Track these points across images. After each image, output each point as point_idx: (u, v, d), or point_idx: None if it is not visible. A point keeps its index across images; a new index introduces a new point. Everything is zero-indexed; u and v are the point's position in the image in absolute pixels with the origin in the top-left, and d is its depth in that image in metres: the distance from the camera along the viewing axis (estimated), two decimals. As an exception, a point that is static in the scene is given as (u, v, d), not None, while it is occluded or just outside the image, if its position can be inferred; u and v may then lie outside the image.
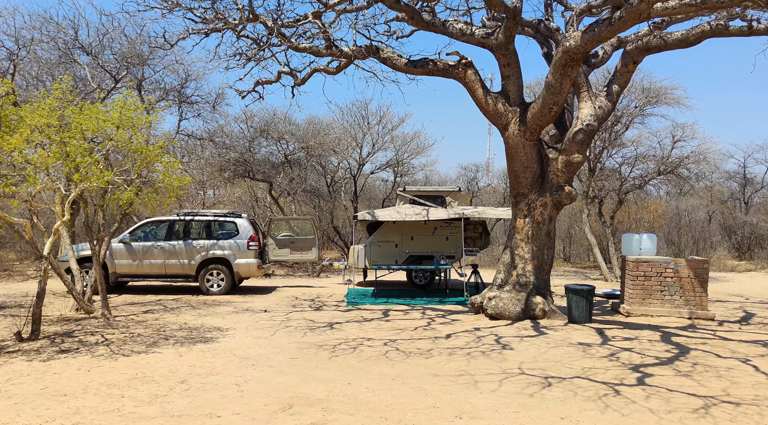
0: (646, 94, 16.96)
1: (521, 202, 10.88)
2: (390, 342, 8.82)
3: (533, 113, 10.12)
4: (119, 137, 7.76)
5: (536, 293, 10.69)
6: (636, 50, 10.43)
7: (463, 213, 13.62)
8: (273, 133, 19.20)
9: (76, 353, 7.82)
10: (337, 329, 9.85)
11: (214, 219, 14.32)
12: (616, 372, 7.09)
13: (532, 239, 10.78)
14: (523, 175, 10.68)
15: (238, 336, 9.12)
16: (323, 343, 8.66)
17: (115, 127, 7.82)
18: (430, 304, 12.83)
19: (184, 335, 9.15)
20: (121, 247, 13.78)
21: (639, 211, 22.90)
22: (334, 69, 11.61)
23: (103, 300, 10.21)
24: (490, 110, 10.56)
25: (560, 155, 10.67)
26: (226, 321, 10.44)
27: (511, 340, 8.94)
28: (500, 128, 10.68)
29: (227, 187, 20.63)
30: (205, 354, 7.90)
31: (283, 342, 8.76)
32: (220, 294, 13.87)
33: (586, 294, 10.21)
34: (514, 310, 10.52)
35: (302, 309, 11.99)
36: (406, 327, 10.10)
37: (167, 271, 13.90)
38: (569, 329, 9.86)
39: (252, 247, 14.02)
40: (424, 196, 15.84)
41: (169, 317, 10.82)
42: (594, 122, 10.45)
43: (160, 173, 8.45)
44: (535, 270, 10.79)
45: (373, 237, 15.64)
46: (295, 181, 19.02)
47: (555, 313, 10.62)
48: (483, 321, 10.69)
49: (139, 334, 9.12)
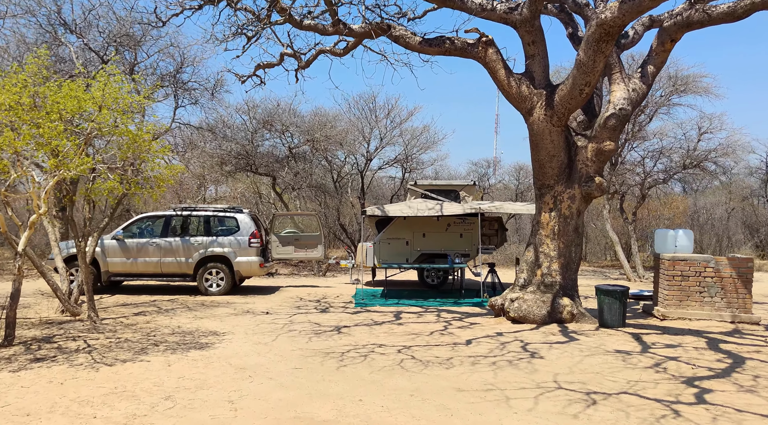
0: (673, 81, 15.95)
1: (546, 194, 9.93)
2: (404, 349, 7.90)
3: (561, 96, 9.17)
4: (101, 119, 6.87)
5: (563, 294, 9.74)
6: (674, 26, 9.46)
7: (479, 208, 12.68)
8: (277, 125, 18.28)
9: (52, 362, 6.94)
10: (345, 333, 8.94)
11: (213, 214, 13.45)
12: (668, 386, 6.14)
13: (558, 235, 9.83)
14: (549, 165, 9.73)
15: (236, 342, 8.23)
16: (330, 350, 7.75)
17: (97, 106, 6.94)
18: (445, 306, 11.90)
19: (176, 340, 8.26)
20: (113, 244, 12.92)
21: (659, 207, 21.87)
22: (341, 50, 10.70)
23: (89, 301, 9.34)
24: (513, 93, 9.61)
25: (590, 143, 9.72)
26: (224, 325, 9.55)
27: (540, 347, 8.00)
28: (524, 113, 9.74)
29: (229, 181, 19.75)
30: (197, 363, 7.00)
31: (285, 348, 7.85)
32: (219, 294, 12.99)
33: (620, 296, 9.26)
34: (539, 313, 9.58)
35: (307, 311, 11.09)
36: (421, 331, 9.18)
37: (163, 270, 13.03)
38: (602, 334, 8.91)
39: (254, 244, 13.13)
40: (436, 191, 14.91)
41: (162, 320, 9.94)
42: (627, 106, 9.49)
43: (149, 161, 7.55)
44: (562, 269, 9.84)
45: (383, 234, 14.73)
46: (300, 176, 18.11)
47: (584, 316, 9.67)
48: (505, 324, 9.76)
49: (126, 340, 8.23)
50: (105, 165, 7.53)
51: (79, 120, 7.07)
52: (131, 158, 7.49)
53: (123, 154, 7.26)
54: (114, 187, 7.04)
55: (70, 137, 6.66)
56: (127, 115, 7.51)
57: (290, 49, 10.76)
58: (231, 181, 20.18)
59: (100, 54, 11.90)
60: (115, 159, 7.74)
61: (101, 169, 7.21)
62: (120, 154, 7.29)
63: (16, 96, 6.35)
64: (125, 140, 7.41)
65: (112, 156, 7.69)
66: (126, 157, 7.35)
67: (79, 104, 6.85)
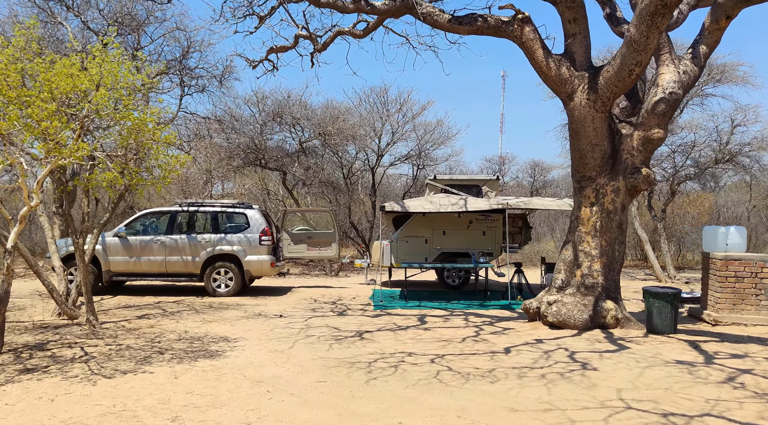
0: (708, 70, 15.05)
1: (587, 187, 9.07)
2: (437, 358, 7.06)
3: (607, 77, 8.30)
4: (98, 99, 6.05)
5: (606, 297, 8.88)
6: (731, 1, 8.58)
7: (507, 204, 11.81)
8: (287, 118, 17.44)
9: (44, 373, 6.13)
10: (368, 340, 8.11)
11: (221, 210, 12.63)
12: (756, 406, 5.28)
13: (600, 232, 8.97)
14: (591, 155, 8.87)
15: (250, 349, 7.41)
16: (355, 359, 6.92)
17: (95, 85, 6.12)
18: (471, 309, 11.05)
19: (183, 347, 7.44)
20: (116, 242, 12.12)
21: (684, 204, 20.94)
22: (360, 32, 9.86)
23: (87, 303, 8.54)
24: (552, 75, 8.75)
25: (636, 130, 8.86)
26: (235, 329, 8.73)
27: (589, 357, 7.15)
28: (563, 98, 8.88)
29: (236, 177, 18.92)
30: (207, 374, 6.18)
31: (304, 357, 7.02)
32: (228, 295, 12.17)
33: (671, 299, 8.39)
34: (581, 318, 8.72)
35: (324, 314, 10.26)
36: (452, 337, 8.34)
37: (168, 269, 12.22)
38: (653, 342, 8.04)
39: (265, 242, 12.31)
40: (457, 186, 14.07)
41: (168, 324, 9.12)
42: (678, 89, 8.63)
43: (153, 149, 6.71)
44: (604, 269, 8.98)
45: (400, 232, 13.88)
46: (311, 171, 17.27)
47: (630, 321, 8.81)
48: (542, 330, 8.91)
49: (128, 347, 7.42)
50: (104, 153, 6.70)
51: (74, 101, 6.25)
52: (133, 146, 6.67)
53: (123, 141, 6.43)
54: (114, 179, 6.20)
55: (62, 119, 5.84)
56: (129, 98, 6.68)
57: (305, 30, 9.92)
58: (238, 177, 19.36)
59: (99, 34, 11.07)
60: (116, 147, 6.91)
61: (100, 157, 6.39)
62: (120, 141, 6.47)
63: (2, 72, 5.54)
64: (126, 126, 6.59)
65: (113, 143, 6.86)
66: (127, 144, 6.52)
67: (73, 82, 6.03)
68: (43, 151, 5.72)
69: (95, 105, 6.05)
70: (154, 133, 6.60)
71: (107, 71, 6.10)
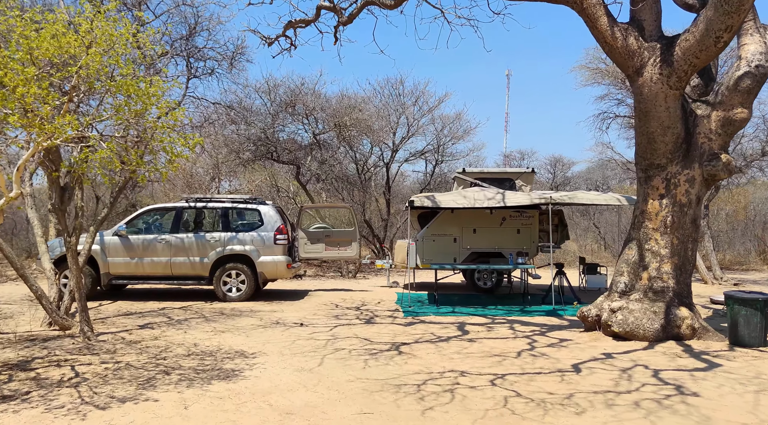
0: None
1: (656, 176, 7.87)
2: (498, 379, 5.88)
3: (686, 47, 7.10)
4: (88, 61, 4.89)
5: (678, 303, 7.69)
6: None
7: (551, 198, 10.60)
8: (300, 108, 16.26)
9: (24, 401, 4.98)
10: (407, 354, 6.94)
11: (232, 206, 11.46)
12: None
13: (671, 228, 7.78)
14: (662, 139, 7.67)
15: (271, 367, 6.24)
16: (399, 381, 5.75)
17: (85, 47, 4.97)
18: (512, 315, 9.86)
19: (193, 365, 6.28)
20: (115, 241, 10.96)
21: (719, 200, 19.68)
22: (391, 1, 8.68)
23: (81, 311, 7.38)
24: (617, 46, 7.56)
25: (714, 110, 7.66)
26: (252, 341, 7.57)
27: (679, 377, 5.96)
28: (630, 73, 7.69)
29: (245, 172, 17.74)
30: (224, 403, 5.01)
31: (338, 378, 5.85)
32: (240, 300, 11.01)
33: (762, 306, 7.19)
34: (651, 327, 7.52)
35: (349, 322, 9.09)
36: (504, 351, 7.16)
37: (174, 272, 11.06)
38: (745, 357, 6.84)
39: (280, 242, 11.14)
40: (488, 179, 12.86)
41: (175, 335, 7.96)
42: (765, 62, 7.42)
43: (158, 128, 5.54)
44: (675, 270, 7.79)
45: (427, 230, 12.70)
46: (326, 164, 16.09)
47: (707, 332, 7.61)
48: (605, 341, 7.72)
49: (127, 365, 6.26)
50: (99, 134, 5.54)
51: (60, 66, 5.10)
52: (134, 124, 5.51)
53: (120, 117, 5.27)
54: (107, 158, 5.02)
55: (43, 85, 4.68)
56: (127, 66, 5.52)
57: (328, 1, 8.76)
58: (247, 173, 18.19)
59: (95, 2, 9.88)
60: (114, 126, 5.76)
61: (92, 136, 5.23)
62: (117, 117, 5.30)
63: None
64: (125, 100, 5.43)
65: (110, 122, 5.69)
66: (126, 123, 5.36)
67: (58, 44, 4.88)
68: (15, 121, 4.55)
69: (86, 69, 4.89)
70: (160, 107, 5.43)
71: (100, 31, 4.95)
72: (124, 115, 5.66)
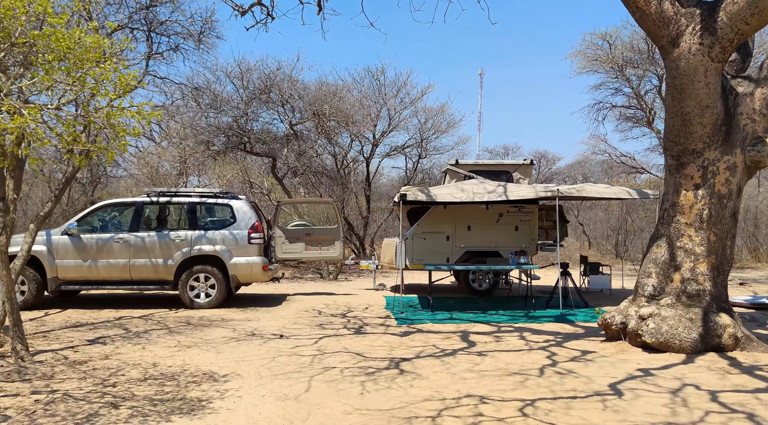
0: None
1: (690, 164, 6.89)
2: (527, 406, 4.79)
3: (733, 12, 6.12)
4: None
5: (718, 309, 6.71)
6: None
7: (558, 191, 9.58)
8: (275, 95, 14.96)
9: None
10: (411, 374, 5.81)
11: (200, 201, 10.18)
12: None
13: (708, 223, 6.80)
14: (699, 121, 6.68)
15: (248, 395, 5.04)
16: (408, 412, 4.62)
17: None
18: (518, 321, 8.81)
19: (149, 394, 5.04)
20: (65, 241, 9.58)
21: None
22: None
23: (13, 325, 6.05)
24: (651, 12, 6.54)
25: (759, 87, 6.72)
26: (223, 359, 6.34)
27: (744, 401, 4.95)
28: (664, 43, 6.68)
29: (215, 166, 16.37)
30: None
31: (332, 409, 4.69)
32: (209, 307, 9.73)
33: (817, 312, 6.24)
34: (688, 337, 6.53)
35: (336, 332, 7.92)
36: (522, 368, 6.08)
37: (134, 276, 9.72)
38: (803, 371, 5.89)
39: (255, 241, 9.90)
40: (483, 172, 11.84)
41: (130, 351, 6.68)
42: (817, 34, 6.48)
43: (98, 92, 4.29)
44: (712, 271, 6.82)
45: (417, 228, 11.59)
46: (304, 156, 14.84)
47: (751, 341, 6.66)
48: (634, 353, 6.70)
49: (65, 395, 4.98)
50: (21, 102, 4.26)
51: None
52: (70, 88, 4.25)
53: (48, 77, 4.00)
54: (21, 126, 3.73)
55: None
56: (61, 14, 4.27)
57: (312, -38, 7.57)
58: (217, 167, 16.83)
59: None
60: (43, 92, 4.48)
61: (6, 100, 3.95)
62: (44, 77, 4.04)
63: None
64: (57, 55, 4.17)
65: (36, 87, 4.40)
66: (54, 83, 4.10)
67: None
68: None
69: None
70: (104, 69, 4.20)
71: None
72: (60, 80, 4.39)
